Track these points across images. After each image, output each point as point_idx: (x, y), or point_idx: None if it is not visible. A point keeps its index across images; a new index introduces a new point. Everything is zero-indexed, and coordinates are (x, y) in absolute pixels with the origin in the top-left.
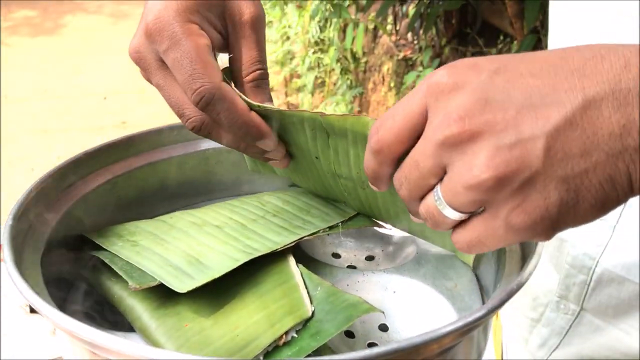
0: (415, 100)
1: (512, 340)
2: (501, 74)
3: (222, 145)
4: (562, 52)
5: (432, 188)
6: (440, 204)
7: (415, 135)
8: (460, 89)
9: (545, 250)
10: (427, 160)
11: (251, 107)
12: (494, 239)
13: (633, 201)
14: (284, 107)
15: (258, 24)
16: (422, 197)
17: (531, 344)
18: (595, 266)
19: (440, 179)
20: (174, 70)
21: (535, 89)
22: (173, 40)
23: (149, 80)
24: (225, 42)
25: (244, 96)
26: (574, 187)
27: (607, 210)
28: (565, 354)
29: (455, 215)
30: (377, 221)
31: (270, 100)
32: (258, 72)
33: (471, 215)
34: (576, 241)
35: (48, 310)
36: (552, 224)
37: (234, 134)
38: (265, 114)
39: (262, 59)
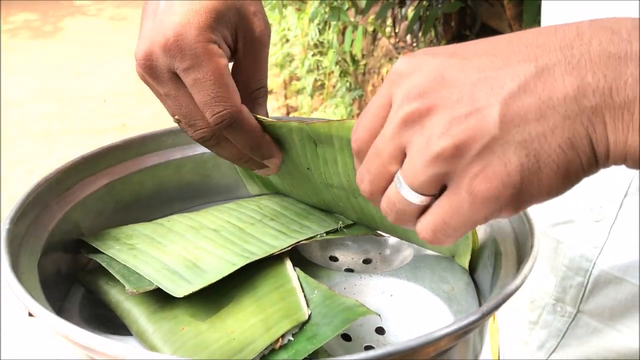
0: (381, 93)
1: (512, 342)
2: (457, 55)
3: None
4: (518, 32)
5: (393, 177)
6: (402, 187)
7: None
8: (417, 71)
9: (542, 252)
10: (387, 145)
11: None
12: (459, 217)
13: (628, 202)
14: (276, 117)
15: (266, 40)
16: (384, 190)
17: (530, 346)
18: (592, 268)
19: (402, 155)
20: (194, 90)
21: (489, 64)
22: (196, 61)
23: (152, 86)
24: (233, 55)
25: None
26: (534, 151)
27: (573, 178)
28: (563, 355)
29: (418, 199)
30: (375, 230)
31: (267, 114)
32: (262, 89)
33: (434, 199)
34: (573, 243)
35: (44, 315)
36: (517, 192)
37: (245, 151)
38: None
39: (266, 77)
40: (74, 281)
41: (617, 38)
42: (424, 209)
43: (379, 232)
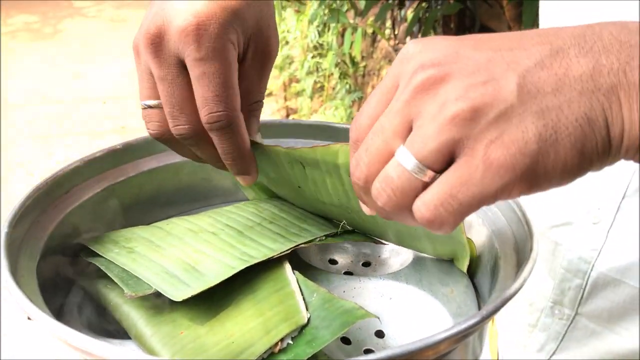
0: (387, 77)
1: (511, 344)
2: (470, 39)
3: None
4: (529, 30)
5: (392, 156)
6: (405, 159)
7: None
8: (429, 49)
9: (540, 255)
10: (393, 120)
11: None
12: (469, 188)
13: (626, 204)
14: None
15: (274, 56)
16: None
17: (529, 349)
18: (591, 270)
19: (408, 128)
20: (199, 82)
21: (504, 45)
22: (211, 55)
23: (147, 64)
24: (240, 62)
25: None
26: (551, 122)
27: (587, 159)
28: (564, 357)
29: (422, 172)
30: (374, 238)
31: (259, 125)
32: (260, 102)
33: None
34: (571, 245)
35: (43, 319)
36: (533, 163)
37: (226, 159)
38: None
39: (265, 90)
40: (73, 285)
41: (627, 30)
42: (424, 189)
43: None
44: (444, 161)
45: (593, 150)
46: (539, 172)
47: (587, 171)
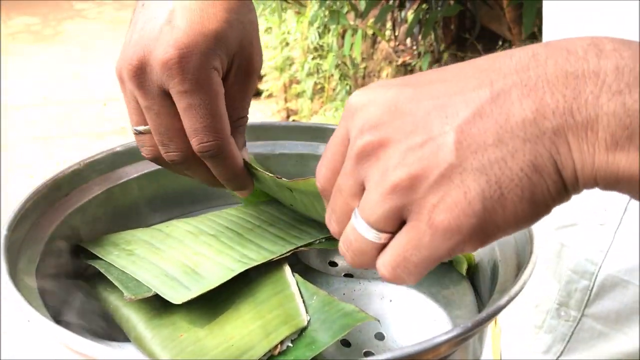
0: (338, 129)
1: (516, 346)
2: (410, 85)
3: None
4: (474, 59)
5: (350, 210)
6: (358, 224)
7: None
8: (370, 104)
9: (545, 257)
10: (347, 181)
11: None
12: (420, 252)
13: (632, 205)
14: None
15: (258, 71)
16: None
17: (535, 350)
18: (598, 271)
19: (362, 190)
20: (186, 114)
21: (443, 91)
22: (195, 87)
23: (132, 94)
24: (223, 80)
25: None
26: (494, 177)
27: (542, 205)
28: (572, 358)
29: (375, 236)
30: None
31: (245, 143)
32: (244, 119)
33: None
34: (577, 246)
35: (41, 322)
36: (480, 222)
37: (221, 179)
38: None
39: (249, 106)
40: (72, 287)
41: (573, 57)
42: (383, 248)
43: None
44: (395, 224)
45: (545, 195)
46: (488, 229)
47: (546, 213)
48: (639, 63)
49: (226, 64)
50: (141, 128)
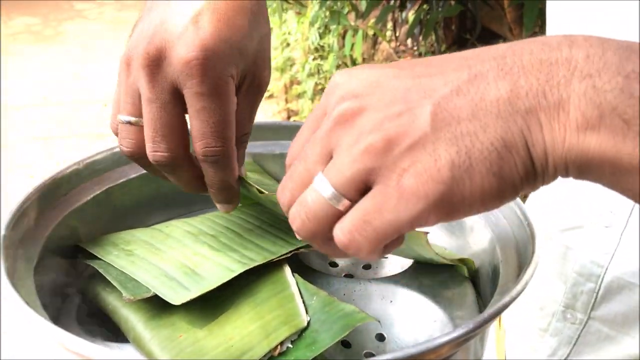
0: (317, 107)
1: (521, 348)
2: (394, 67)
3: None
4: (456, 52)
5: (313, 174)
6: (322, 185)
7: None
8: (353, 79)
9: (550, 259)
10: (315, 148)
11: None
12: (383, 215)
13: (638, 207)
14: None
15: (265, 89)
16: None
17: (540, 354)
18: (604, 274)
19: (329, 157)
20: (198, 115)
21: (425, 73)
22: (214, 90)
23: (140, 84)
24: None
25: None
26: (465, 148)
27: (509, 182)
28: None
29: (336, 200)
30: None
31: (244, 158)
32: (248, 135)
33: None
34: (583, 249)
35: (40, 322)
36: (447, 190)
37: (211, 187)
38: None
39: (253, 123)
40: (71, 287)
41: (548, 47)
42: (339, 218)
43: None
44: (359, 190)
45: (513, 172)
46: (454, 199)
47: (515, 194)
48: (609, 51)
49: (239, 77)
50: (132, 119)
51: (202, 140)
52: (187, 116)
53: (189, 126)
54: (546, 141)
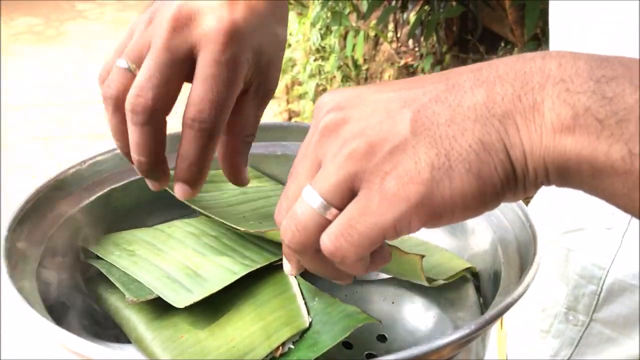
0: (310, 131)
1: (522, 350)
2: (376, 85)
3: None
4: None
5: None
6: (309, 195)
7: None
8: (338, 95)
9: (552, 261)
10: (304, 163)
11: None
12: (366, 218)
13: None
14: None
15: (272, 95)
16: None
17: (542, 355)
18: (606, 276)
19: (317, 168)
20: (203, 82)
21: (404, 86)
22: (231, 63)
23: (155, 35)
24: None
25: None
26: (444, 150)
27: (489, 184)
28: None
29: (324, 208)
30: None
31: (246, 162)
32: (253, 136)
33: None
34: (584, 251)
35: (42, 323)
36: (427, 192)
37: (179, 159)
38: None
39: (258, 124)
40: (73, 288)
41: (522, 59)
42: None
43: None
44: (345, 197)
45: (492, 174)
46: (435, 200)
47: (496, 199)
48: (580, 60)
49: (250, 77)
50: (132, 66)
51: (198, 106)
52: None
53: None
54: (524, 143)
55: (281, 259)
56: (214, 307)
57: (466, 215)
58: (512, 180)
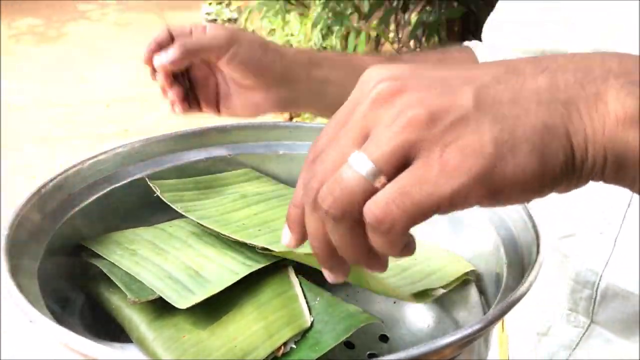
0: (347, 102)
1: (522, 351)
2: (427, 64)
3: (222, 155)
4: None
5: (345, 155)
6: (359, 162)
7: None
8: (388, 69)
9: (552, 263)
10: (351, 130)
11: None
12: (422, 186)
13: (631, 213)
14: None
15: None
16: None
17: (540, 356)
18: (599, 281)
19: (365, 137)
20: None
21: (461, 68)
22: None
23: None
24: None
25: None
26: (508, 128)
27: (550, 167)
28: None
29: (373, 174)
30: None
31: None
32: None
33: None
34: (579, 256)
35: (43, 322)
36: (489, 166)
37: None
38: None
39: None
40: (75, 287)
41: (579, 55)
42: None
43: None
44: (397, 165)
45: (555, 157)
46: (496, 175)
47: (553, 184)
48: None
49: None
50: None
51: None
52: None
53: None
54: (587, 130)
55: (283, 260)
56: (215, 306)
57: (522, 197)
58: (570, 167)
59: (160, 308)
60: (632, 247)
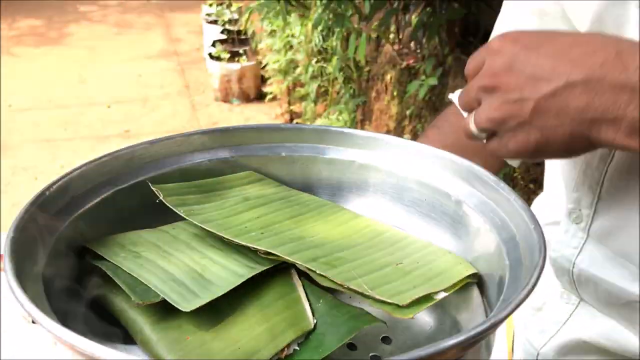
0: (479, 53)
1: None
2: (528, 50)
3: (224, 157)
4: (572, 40)
5: (474, 107)
6: (472, 125)
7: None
8: (499, 53)
9: None
10: (471, 93)
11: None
12: (500, 151)
13: (602, 204)
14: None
15: None
16: (469, 108)
17: (530, 330)
18: (573, 267)
19: (479, 104)
20: None
21: (542, 67)
22: None
23: None
24: None
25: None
26: (546, 136)
27: (572, 152)
28: (562, 340)
29: (478, 133)
30: None
31: None
32: None
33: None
34: (555, 244)
35: (48, 323)
36: (532, 152)
37: None
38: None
39: None
40: (79, 289)
41: (625, 74)
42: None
43: None
44: (490, 131)
45: (576, 151)
46: (537, 156)
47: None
48: None
49: None
50: None
51: None
52: None
53: None
54: (602, 141)
55: (285, 262)
56: (219, 309)
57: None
58: (591, 149)
59: (164, 310)
60: (601, 237)
